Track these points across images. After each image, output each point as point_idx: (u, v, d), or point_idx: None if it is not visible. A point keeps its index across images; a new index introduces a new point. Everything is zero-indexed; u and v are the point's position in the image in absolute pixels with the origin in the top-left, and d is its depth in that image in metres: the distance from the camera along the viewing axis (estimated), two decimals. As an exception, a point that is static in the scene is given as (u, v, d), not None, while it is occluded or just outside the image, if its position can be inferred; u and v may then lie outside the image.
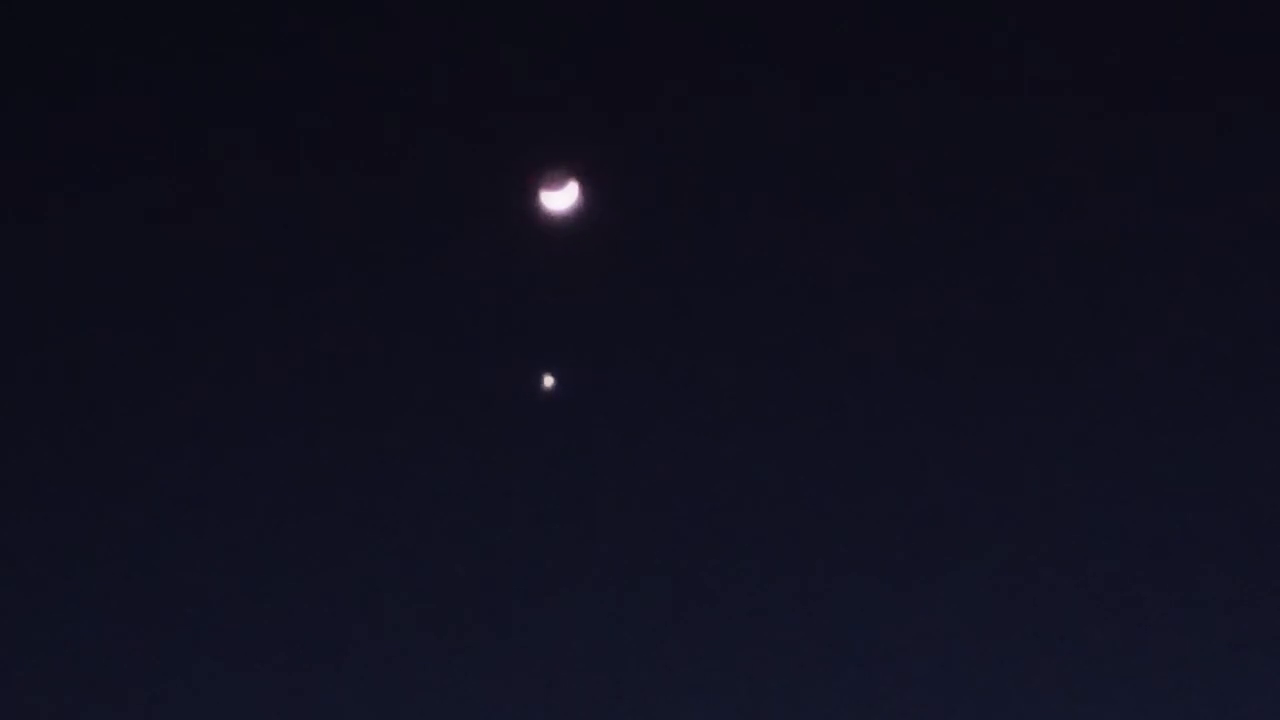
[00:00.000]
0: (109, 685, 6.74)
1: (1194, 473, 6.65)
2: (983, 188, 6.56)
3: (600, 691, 6.77)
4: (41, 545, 6.76)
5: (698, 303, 6.69)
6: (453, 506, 6.86)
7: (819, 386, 6.79)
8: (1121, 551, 6.76)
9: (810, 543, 6.90)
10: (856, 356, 6.73)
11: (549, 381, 6.74)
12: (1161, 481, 6.69)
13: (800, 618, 6.82)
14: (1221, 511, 6.64)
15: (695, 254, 6.61)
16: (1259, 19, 6.50)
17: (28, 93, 6.59)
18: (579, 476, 6.85)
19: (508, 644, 6.87)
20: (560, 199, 6.50)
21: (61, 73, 6.55)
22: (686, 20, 6.43)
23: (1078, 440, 6.73)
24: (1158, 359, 6.65)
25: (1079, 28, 6.52)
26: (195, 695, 6.69)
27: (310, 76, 6.50)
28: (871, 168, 6.58)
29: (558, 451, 6.81)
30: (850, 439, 6.80)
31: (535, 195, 6.49)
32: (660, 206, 6.56)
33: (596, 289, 6.63)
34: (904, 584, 6.77)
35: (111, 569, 6.75)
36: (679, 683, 6.83)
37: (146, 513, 6.79)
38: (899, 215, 6.62)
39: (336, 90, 6.44)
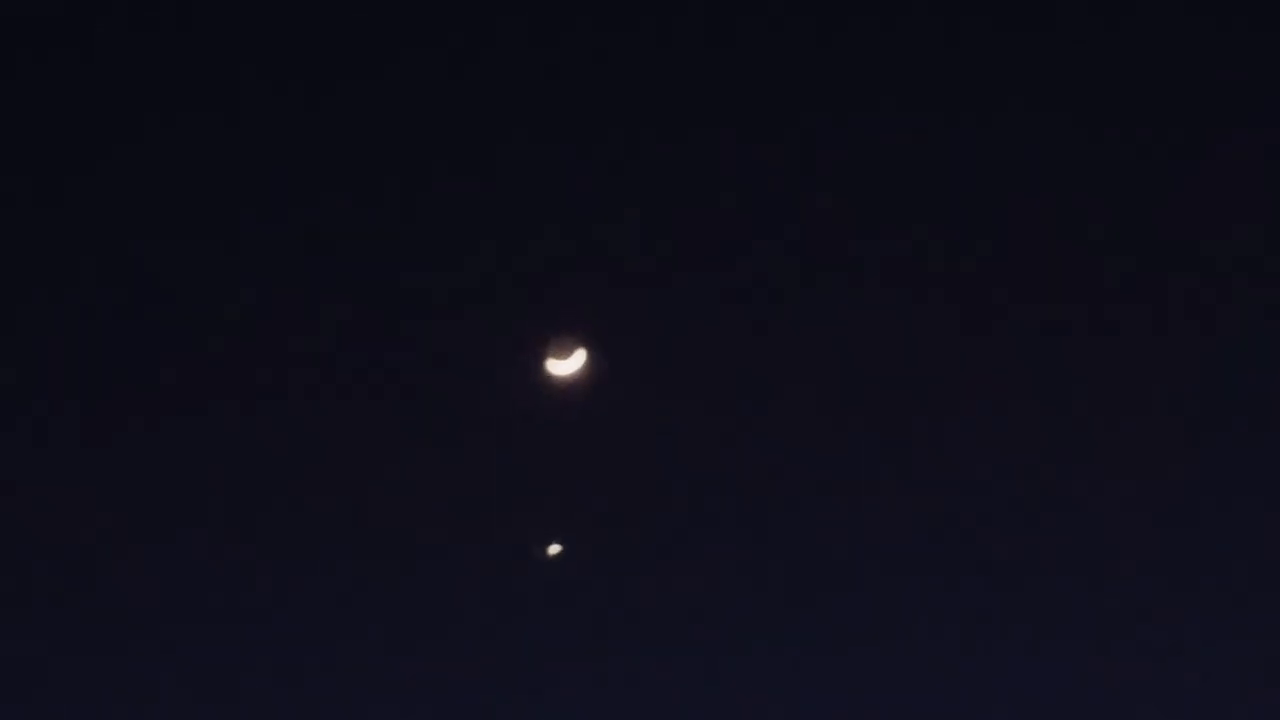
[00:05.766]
0: None
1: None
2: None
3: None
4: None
5: (705, 470, 6.67)
6: (458, 671, 6.88)
7: (827, 552, 6.80)
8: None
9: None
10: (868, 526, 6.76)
11: (554, 549, 6.73)
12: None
13: None
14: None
15: (704, 423, 6.58)
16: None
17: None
18: (584, 640, 6.87)
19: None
20: (568, 366, 6.46)
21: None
22: (694, 187, 6.37)
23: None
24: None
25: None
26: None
27: (319, 218, 6.42)
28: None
29: (563, 618, 6.81)
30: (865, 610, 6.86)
31: (543, 363, 6.45)
32: (666, 374, 6.51)
33: (603, 457, 6.60)
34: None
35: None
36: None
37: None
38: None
39: (349, 249, 6.35)
